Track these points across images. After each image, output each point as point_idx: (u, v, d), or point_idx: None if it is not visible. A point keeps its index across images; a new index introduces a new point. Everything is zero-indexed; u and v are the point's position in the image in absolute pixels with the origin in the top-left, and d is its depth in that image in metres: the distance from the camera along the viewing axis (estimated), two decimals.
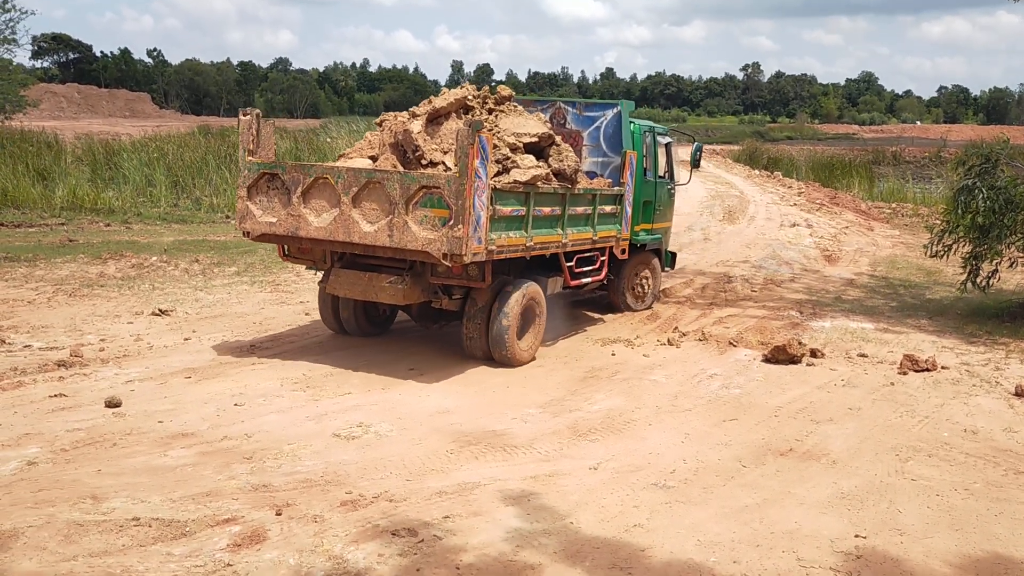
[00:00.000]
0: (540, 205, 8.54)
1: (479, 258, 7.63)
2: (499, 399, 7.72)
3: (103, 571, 4.29)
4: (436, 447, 6.36)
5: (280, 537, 4.78)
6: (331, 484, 5.59)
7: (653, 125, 11.84)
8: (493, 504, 5.31)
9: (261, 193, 8.27)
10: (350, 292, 8.50)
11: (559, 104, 11.07)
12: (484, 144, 7.31)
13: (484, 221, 7.51)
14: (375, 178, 7.68)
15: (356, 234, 7.75)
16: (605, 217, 9.99)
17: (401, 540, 4.77)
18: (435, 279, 8.33)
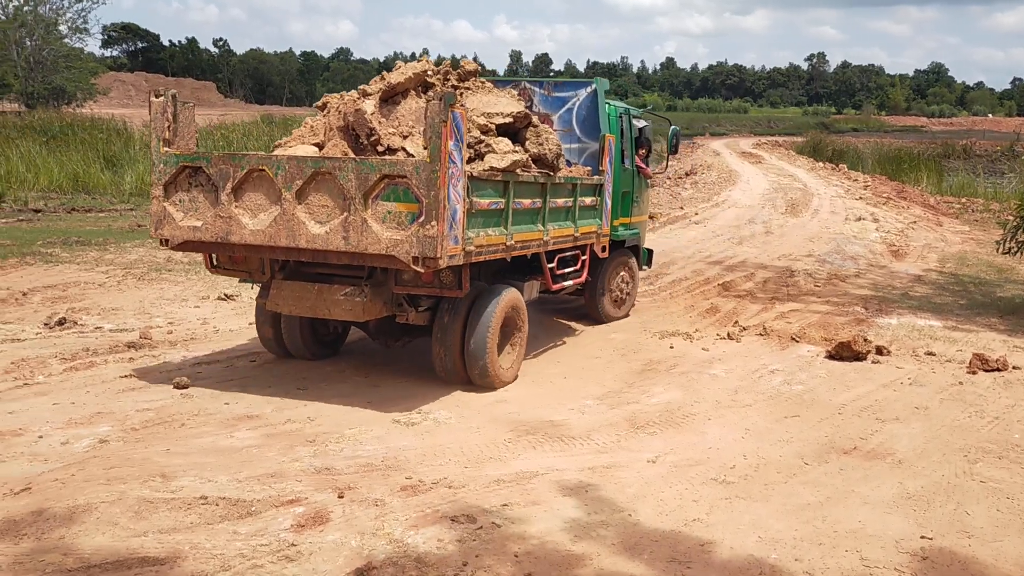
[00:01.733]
0: (520, 196, 7.40)
1: (456, 261, 6.41)
2: (556, 390, 7.72)
3: (172, 547, 4.41)
4: (494, 436, 6.40)
5: (342, 519, 4.86)
6: (391, 469, 5.66)
7: (628, 107, 10.82)
8: (551, 494, 5.32)
9: (181, 191, 6.83)
10: (296, 308, 7.02)
11: (524, 84, 9.85)
12: (459, 122, 6.13)
13: (461, 216, 6.33)
14: (324, 167, 6.33)
15: (303, 237, 6.41)
16: (585, 210, 8.94)
17: (460, 526, 4.81)
18: (400, 288, 6.98)
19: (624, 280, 10.53)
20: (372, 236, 6.21)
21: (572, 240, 8.64)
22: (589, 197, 8.98)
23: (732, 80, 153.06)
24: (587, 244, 9.18)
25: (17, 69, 46.86)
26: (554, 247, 8.28)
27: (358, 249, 6.27)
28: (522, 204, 7.42)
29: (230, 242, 6.71)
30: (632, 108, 10.96)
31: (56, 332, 8.90)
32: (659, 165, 12.97)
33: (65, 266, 12.36)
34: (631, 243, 10.66)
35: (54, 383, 7.26)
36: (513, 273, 8.32)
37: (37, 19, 48.77)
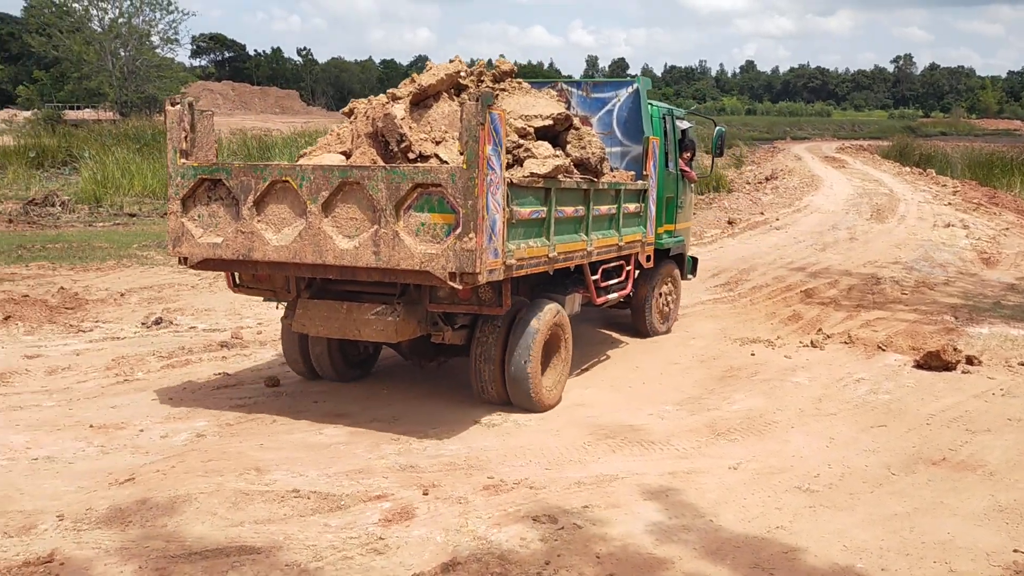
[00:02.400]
0: (563, 204, 6.91)
1: (496, 276, 5.94)
2: (635, 395, 7.74)
3: (267, 537, 4.60)
4: (573, 438, 6.46)
5: (427, 515, 4.99)
6: (473, 468, 5.77)
7: (670, 107, 10.23)
8: (631, 497, 5.35)
9: (200, 205, 6.40)
10: (324, 329, 6.58)
11: (560, 85, 9.34)
12: (497, 124, 5.68)
13: (500, 227, 5.88)
14: (352, 177, 5.85)
15: (330, 253, 5.94)
16: (629, 218, 8.39)
17: (542, 526, 4.89)
18: (435, 306, 6.53)
19: (670, 291, 10.10)
20: (405, 250, 5.72)
21: (616, 250, 8.12)
22: (633, 204, 8.46)
23: (814, 83, 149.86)
24: (631, 254, 8.65)
25: (112, 79, 48.85)
26: (598, 258, 7.77)
27: (389, 265, 5.78)
28: (565, 212, 6.93)
29: (252, 259, 6.22)
30: (675, 109, 10.50)
31: (153, 331, 9.32)
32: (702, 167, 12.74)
33: (160, 268, 12.89)
34: (676, 252, 10.15)
35: (152, 379, 7.61)
36: (554, 286, 7.80)
37: (131, 31, 50.85)
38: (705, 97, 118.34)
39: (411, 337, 6.65)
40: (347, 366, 7.70)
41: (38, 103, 53.37)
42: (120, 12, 50.78)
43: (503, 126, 5.76)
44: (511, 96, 7.47)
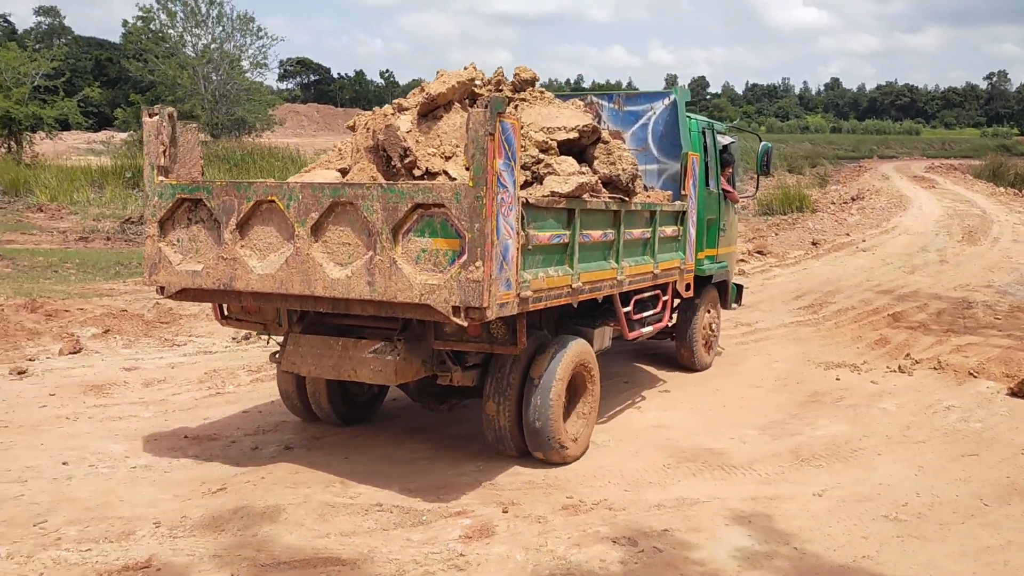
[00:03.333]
0: (589, 227, 6.16)
1: (508, 310, 5.16)
2: (716, 418, 7.66)
3: (353, 549, 4.72)
4: (652, 460, 6.44)
5: (507, 533, 5.04)
6: (552, 488, 5.81)
7: (710, 121, 9.52)
8: (713, 522, 5.30)
9: (180, 228, 5.75)
10: (317, 368, 5.85)
11: (590, 98, 8.67)
12: (510, 135, 4.94)
13: (514, 253, 5.11)
14: (344, 196, 5.14)
15: (319, 283, 5.23)
16: (666, 242, 7.66)
17: (621, 548, 4.88)
18: (441, 343, 5.83)
19: (713, 321, 9.48)
20: (403, 281, 4.99)
21: (651, 278, 7.37)
22: (670, 226, 7.74)
23: (902, 100, 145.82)
24: (669, 282, 7.90)
25: (204, 102, 50.71)
26: (630, 287, 6.99)
27: (385, 297, 5.04)
28: (591, 237, 6.20)
29: (234, 289, 5.54)
30: (716, 122, 9.78)
31: (243, 346, 9.64)
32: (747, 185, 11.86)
33: None
34: (719, 279, 9.45)
35: (242, 393, 7.88)
36: (580, 318, 7.06)
37: (223, 56, 52.74)
38: (788, 115, 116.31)
39: (414, 379, 5.89)
40: (348, 408, 7.00)
41: (134, 125, 55.71)
42: (213, 38, 52.79)
43: (517, 137, 5.02)
44: (532, 106, 6.77)
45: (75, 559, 4.52)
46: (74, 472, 5.88)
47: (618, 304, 6.94)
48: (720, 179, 9.38)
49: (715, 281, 9.34)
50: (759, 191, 10.76)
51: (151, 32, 53.07)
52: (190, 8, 52.13)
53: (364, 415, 7.21)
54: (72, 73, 49.78)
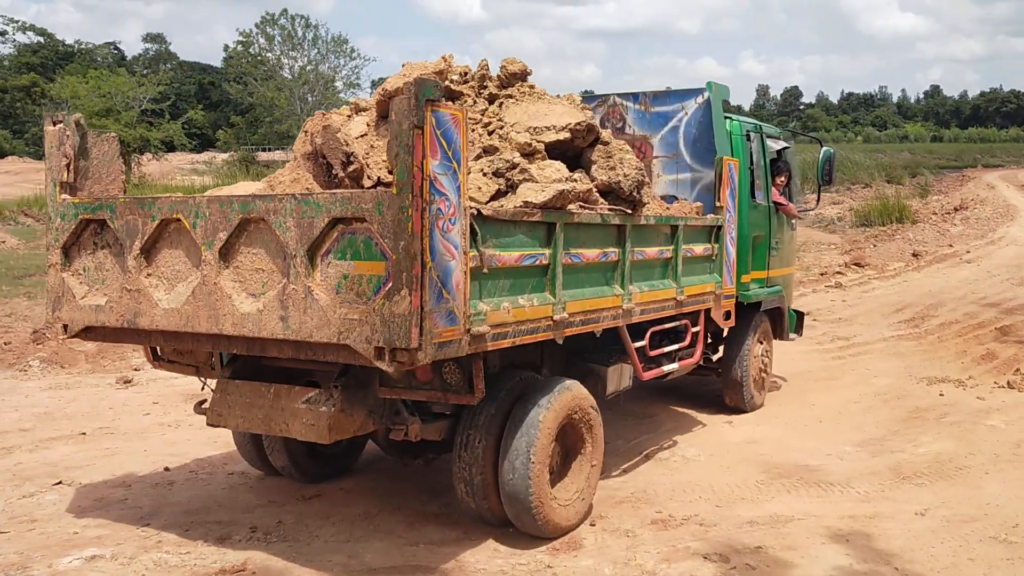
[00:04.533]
0: (578, 245, 5.10)
1: (453, 351, 4.08)
2: (811, 433, 7.44)
3: (440, 558, 4.74)
4: (745, 476, 6.28)
5: (595, 547, 4.98)
6: (641, 502, 5.72)
7: (758, 123, 8.39)
8: (808, 539, 5.13)
9: (86, 255, 4.84)
10: (246, 422, 4.79)
11: (613, 99, 7.67)
12: (449, 128, 3.95)
13: (460, 279, 4.05)
14: (255, 211, 4.18)
15: (228, 319, 4.27)
16: (695, 263, 6.57)
17: (712, 564, 4.77)
18: (387, 390, 4.68)
19: (766, 355, 8.28)
20: (319, 315, 4.00)
21: (674, 305, 6.24)
22: (700, 244, 6.64)
23: (1008, 107, 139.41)
24: (700, 310, 6.76)
25: (301, 122, 52.29)
26: (642, 318, 5.86)
27: (300, 336, 4.07)
28: (583, 257, 5.15)
29: (139, 327, 4.60)
30: (766, 125, 8.63)
31: None
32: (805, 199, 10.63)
33: None
34: (770, 305, 8.23)
35: None
36: (594, 352, 6.07)
37: (318, 77, 54.42)
38: (886, 124, 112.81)
39: (357, 433, 4.77)
40: (312, 460, 5.94)
41: (235, 146, 57.92)
42: (308, 60, 54.51)
43: (462, 132, 4.02)
44: (518, 104, 5.85)
45: (175, 561, 4.67)
46: (175, 477, 6.10)
47: (626, 338, 5.74)
48: (771, 190, 8.23)
49: (766, 308, 8.14)
50: (820, 204, 9.58)
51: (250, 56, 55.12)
52: (287, 32, 53.95)
53: (336, 469, 6.12)
54: (177, 97, 52.06)
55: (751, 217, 7.65)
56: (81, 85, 35.66)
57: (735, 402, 7.95)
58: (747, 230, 7.55)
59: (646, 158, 7.33)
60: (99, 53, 64.34)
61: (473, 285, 4.20)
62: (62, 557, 4.68)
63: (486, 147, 5.31)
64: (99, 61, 58.98)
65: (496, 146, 5.31)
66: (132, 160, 34.16)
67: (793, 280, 9.24)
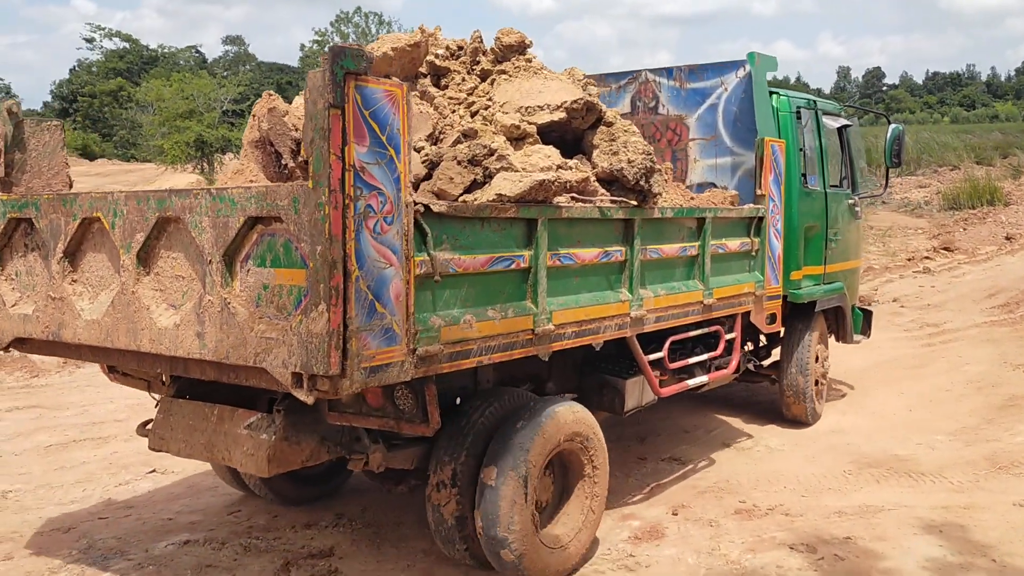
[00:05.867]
0: (569, 244, 4.35)
1: (392, 376, 3.41)
2: (900, 423, 7.22)
3: None
4: (832, 466, 6.14)
5: (677, 536, 4.93)
6: (724, 492, 5.64)
7: (811, 99, 7.41)
8: (900, 530, 4.98)
9: (18, 257, 4.30)
10: (188, 447, 4.17)
11: (644, 75, 6.87)
12: (382, 108, 3.25)
13: (400, 290, 3.37)
14: (171, 209, 3.59)
15: (146, 334, 3.69)
16: (729, 260, 5.79)
17: (799, 555, 4.67)
18: (336, 416, 3.96)
19: (825, 359, 7.45)
20: (236, 333, 3.39)
21: (701, 310, 5.43)
22: (736, 238, 5.85)
23: None
24: (737, 313, 5.97)
25: None
26: (659, 325, 5.09)
27: (217, 356, 3.46)
28: (576, 257, 4.40)
29: (63, 340, 4.05)
30: (823, 101, 7.67)
31: None
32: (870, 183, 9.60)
33: None
34: (826, 304, 7.27)
35: None
36: (613, 363, 5.44)
37: None
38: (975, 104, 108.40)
39: (306, 464, 4.06)
40: (291, 483, 5.24)
41: None
42: None
43: (401, 112, 3.32)
44: (511, 81, 5.14)
45: (263, 546, 4.80)
46: None
47: (636, 349, 5.00)
48: (828, 173, 7.32)
49: (822, 308, 7.21)
50: (888, 188, 8.44)
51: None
52: (361, 29, 54.77)
53: (322, 490, 5.53)
54: (256, 97, 53.27)
55: (802, 205, 6.80)
56: (165, 88, 36.78)
57: (794, 413, 7.08)
58: (797, 220, 6.73)
59: (682, 141, 6.64)
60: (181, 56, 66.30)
61: (421, 296, 3.51)
62: (157, 542, 4.85)
63: (466, 131, 4.60)
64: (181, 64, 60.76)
65: (477, 129, 4.64)
66: (215, 160, 35.12)
67: (859, 275, 8.38)
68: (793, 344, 7.02)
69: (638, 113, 6.77)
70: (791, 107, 6.82)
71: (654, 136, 6.67)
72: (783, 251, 6.40)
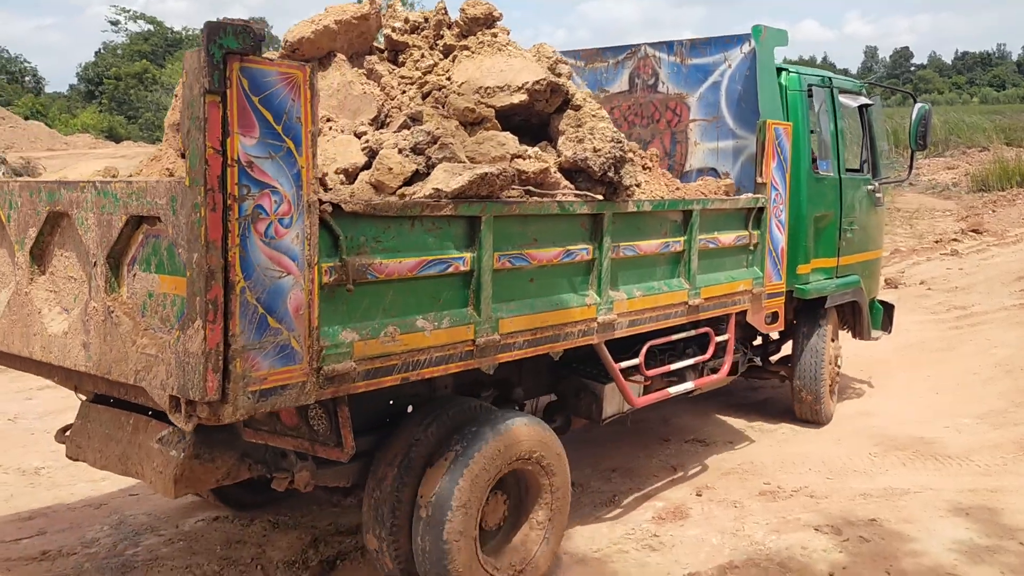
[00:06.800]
0: (522, 244, 3.87)
1: (291, 399, 2.97)
2: (926, 405, 7.17)
3: None
4: (857, 448, 6.12)
5: (701, 516, 4.94)
6: (748, 473, 5.64)
7: (826, 75, 6.79)
8: (926, 513, 4.96)
9: None
10: (103, 459, 3.73)
11: (644, 50, 6.26)
12: (274, 90, 2.81)
13: (301, 301, 2.94)
14: (60, 203, 3.23)
15: (38, 340, 3.37)
16: (722, 256, 5.25)
17: (824, 536, 4.67)
18: (252, 433, 3.41)
19: (837, 355, 6.97)
20: (119, 345, 3.02)
21: (685, 311, 4.89)
22: (730, 231, 5.29)
23: None
24: (731, 313, 5.43)
25: None
26: (633, 330, 4.56)
27: (100, 371, 3.11)
28: (532, 258, 3.90)
29: None
30: (840, 78, 7.07)
31: None
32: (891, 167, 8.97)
33: None
34: (838, 300, 6.73)
35: None
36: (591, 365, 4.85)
37: None
38: (1005, 84, 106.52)
39: (221, 484, 3.64)
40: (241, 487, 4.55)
41: None
42: None
43: (303, 98, 2.88)
44: (472, 58, 4.54)
45: (291, 523, 4.86)
46: None
47: (605, 356, 4.51)
48: (843, 157, 6.75)
49: (834, 304, 6.68)
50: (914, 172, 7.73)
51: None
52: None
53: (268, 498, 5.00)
54: None
55: (812, 193, 6.25)
56: None
57: (805, 414, 6.69)
58: (806, 209, 6.19)
59: (682, 122, 6.05)
60: None
61: (329, 308, 3.07)
62: (187, 518, 4.92)
63: (413, 115, 4.13)
64: None
65: (425, 113, 4.14)
66: None
67: (879, 266, 7.78)
68: (803, 342, 6.57)
69: (636, 91, 6.24)
70: (801, 85, 6.26)
71: (653, 116, 6.17)
72: (787, 244, 5.86)
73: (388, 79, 4.44)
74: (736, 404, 7.26)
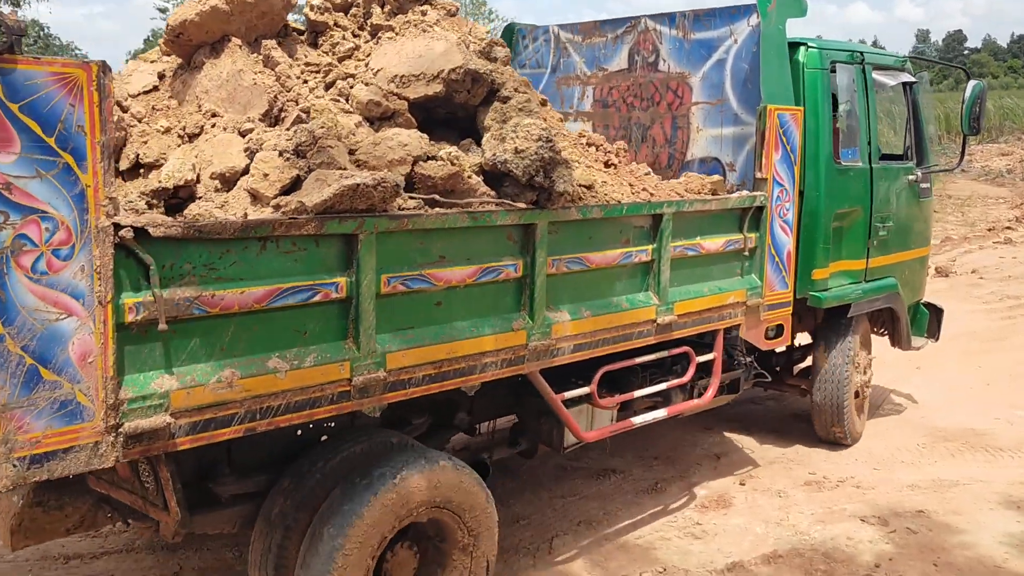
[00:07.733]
0: (421, 262, 3.28)
1: (80, 463, 2.51)
2: (977, 397, 7.03)
3: (586, 511, 4.80)
4: (904, 440, 6.03)
5: (745, 505, 4.91)
6: (793, 463, 5.59)
7: (861, 48, 5.84)
8: (975, 505, 4.88)
9: None
10: None
11: (644, 23, 5.47)
12: (41, 95, 2.33)
13: (90, 347, 2.48)
14: None
15: None
16: (706, 264, 4.52)
17: (870, 527, 4.62)
18: (96, 483, 3.11)
19: (867, 365, 6.05)
20: None
21: (653, 331, 4.20)
22: (718, 236, 4.55)
23: None
24: (718, 328, 4.67)
25: None
26: (579, 355, 3.91)
27: None
28: (435, 279, 3.30)
29: None
30: (874, 51, 6.05)
31: None
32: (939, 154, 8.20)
33: None
34: (865, 308, 5.75)
35: None
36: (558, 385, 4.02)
37: None
38: None
39: (69, 534, 3.35)
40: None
41: None
42: None
43: (88, 104, 2.42)
44: (394, 41, 3.98)
45: None
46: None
47: (542, 386, 3.86)
48: (875, 144, 5.75)
49: (858, 312, 5.71)
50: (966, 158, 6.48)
51: None
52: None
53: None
54: None
55: (832, 186, 5.33)
56: None
57: (827, 433, 5.83)
58: (824, 206, 5.28)
59: (683, 105, 5.24)
60: None
61: (134, 353, 2.61)
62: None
63: (305, 109, 3.62)
64: None
65: (317, 108, 3.57)
66: None
67: (925, 266, 6.72)
68: (825, 355, 5.71)
69: (636, 69, 5.47)
70: (822, 62, 5.31)
71: (653, 98, 5.39)
72: (796, 247, 5.06)
73: (285, 67, 3.84)
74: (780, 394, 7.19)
